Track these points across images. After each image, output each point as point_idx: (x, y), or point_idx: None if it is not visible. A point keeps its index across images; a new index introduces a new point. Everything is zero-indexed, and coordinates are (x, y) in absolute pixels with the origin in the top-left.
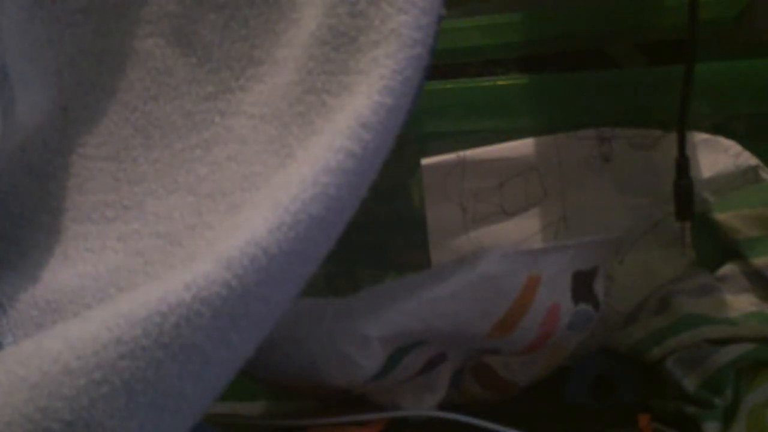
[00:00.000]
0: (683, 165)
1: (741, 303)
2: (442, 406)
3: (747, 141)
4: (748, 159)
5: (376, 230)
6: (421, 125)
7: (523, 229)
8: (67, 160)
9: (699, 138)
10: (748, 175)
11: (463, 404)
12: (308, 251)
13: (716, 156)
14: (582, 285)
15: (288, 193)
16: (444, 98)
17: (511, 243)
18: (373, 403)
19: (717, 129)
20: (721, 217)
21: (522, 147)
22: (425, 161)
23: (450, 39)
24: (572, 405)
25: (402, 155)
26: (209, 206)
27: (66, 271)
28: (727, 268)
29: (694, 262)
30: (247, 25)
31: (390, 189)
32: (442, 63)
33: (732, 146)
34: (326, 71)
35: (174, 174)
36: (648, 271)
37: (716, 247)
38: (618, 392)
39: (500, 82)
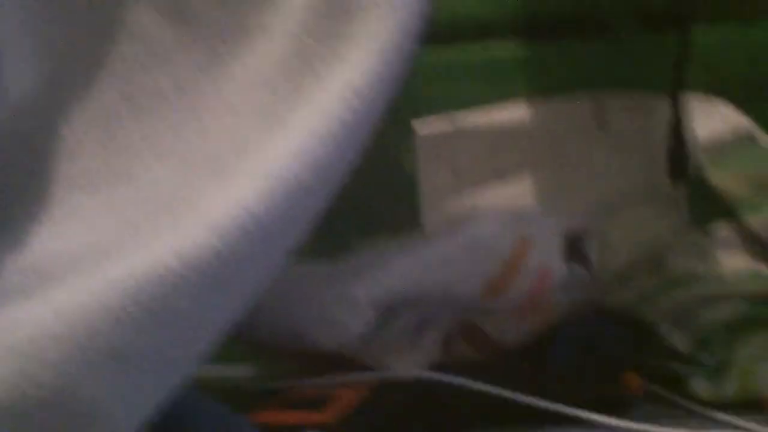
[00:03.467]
0: (677, 125)
1: (733, 262)
2: (431, 367)
3: (741, 105)
4: (743, 122)
5: (368, 195)
6: (414, 91)
7: (516, 193)
8: (57, 129)
9: (694, 101)
10: (743, 138)
11: (451, 365)
12: (298, 218)
13: (711, 119)
14: (574, 247)
15: (277, 160)
16: (438, 66)
17: (504, 207)
18: (363, 364)
19: (712, 93)
20: (715, 178)
21: (516, 112)
22: (418, 126)
23: (444, 6)
24: (561, 364)
25: (395, 120)
26: (199, 174)
27: (55, 239)
28: (721, 228)
29: (686, 222)
30: None
31: (383, 154)
32: (436, 29)
33: (727, 109)
34: (317, 38)
35: (163, 141)
36: (641, 231)
37: (710, 208)
38: (608, 351)
39: (495, 50)
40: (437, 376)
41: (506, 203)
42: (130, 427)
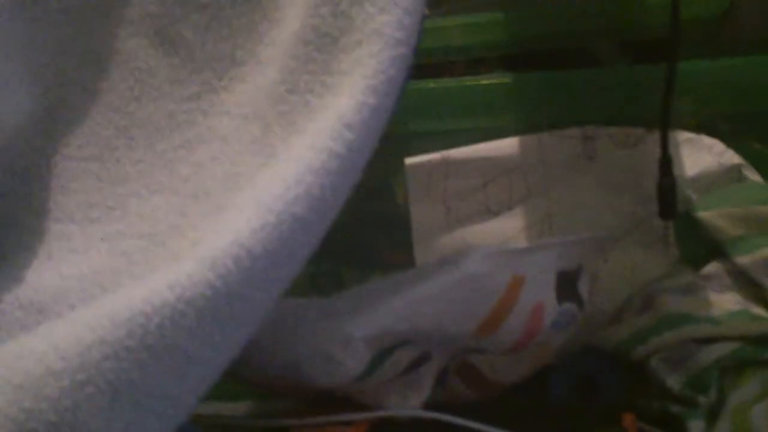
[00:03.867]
0: (666, 164)
1: (725, 302)
2: (427, 406)
3: (730, 139)
4: (732, 157)
5: (361, 230)
6: (405, 124)
7: (508, 229)
8: (51, 160)
9: (682, 137)
10: (732, 174)
11: (448, 403)
12: (292, 251)
13: (699, 155)
14: (566, 284)
15: (271, 193)
16: (428, 97)
17: (495, 242)
18: (358, 402)
19: (700, 128)
20: (704, 215)
21: (506, 146)
22: (409, 161)
23: (434, 38)
24: (557, 404)
25: (386, 155)
26: (193, 206)
27: (50, 272)
28: (711, 267)
29: (677, 260)
30: (229, 25)
31: (374, 188)
32: (426, 62)
33: (715, 145)
34: (309, 71)
35: (157, 174)
36: (632, 269)
37: (700, 246)
38: (602, 391)
39: (485, 81)
40: (433, 414)
41: (498, 239)
42: None
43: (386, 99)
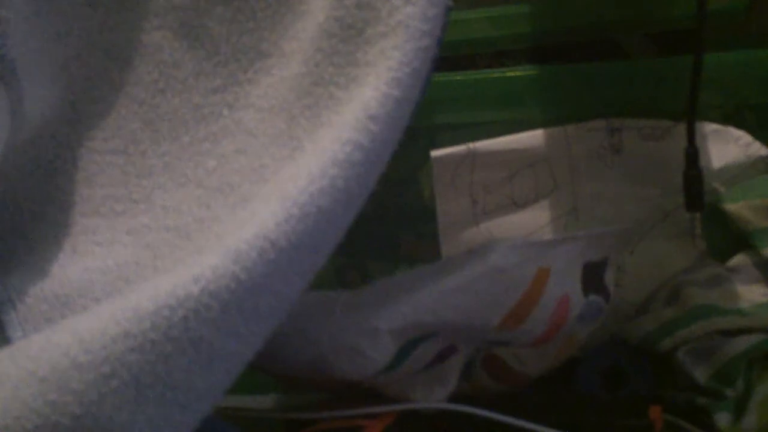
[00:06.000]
0: (693, 156)
1: (752, 294)
2: (452, 398)
3: (757, 131)
4: (759, 149)
5: (386, 222)
6: (430, 117)
7: (534, 221)
8: (76, 154)
9: (709, 128)
10: (759, 166)
11: (474, 396)
12: (317, 244)
13: (726, 146)
14: (592, 276)
15: (296, 185)
16: (453, 90)
17: (522, 235)
18: (384, 395)
19: (727, 119)
20: (731, 207)
21: (532, 138)
22: (435, 153)
23: (459, 30)
24: (584, 396)
25: (411, 147)
26: (218, 199)
27: (75, 265)
28: (738, 259)
29: (704, 252)
30: (254, 18)
31: (400, 181)
32: (452, 54)
33: (742, 136)
34: (334, 63)
35: (182, 167)
36: (658, 262)
37: (727, 238)
38: (629, 383)
39: (510, 74)
40: (459, 407)
41: (524, 231)
42: None
43: (411, 90)
